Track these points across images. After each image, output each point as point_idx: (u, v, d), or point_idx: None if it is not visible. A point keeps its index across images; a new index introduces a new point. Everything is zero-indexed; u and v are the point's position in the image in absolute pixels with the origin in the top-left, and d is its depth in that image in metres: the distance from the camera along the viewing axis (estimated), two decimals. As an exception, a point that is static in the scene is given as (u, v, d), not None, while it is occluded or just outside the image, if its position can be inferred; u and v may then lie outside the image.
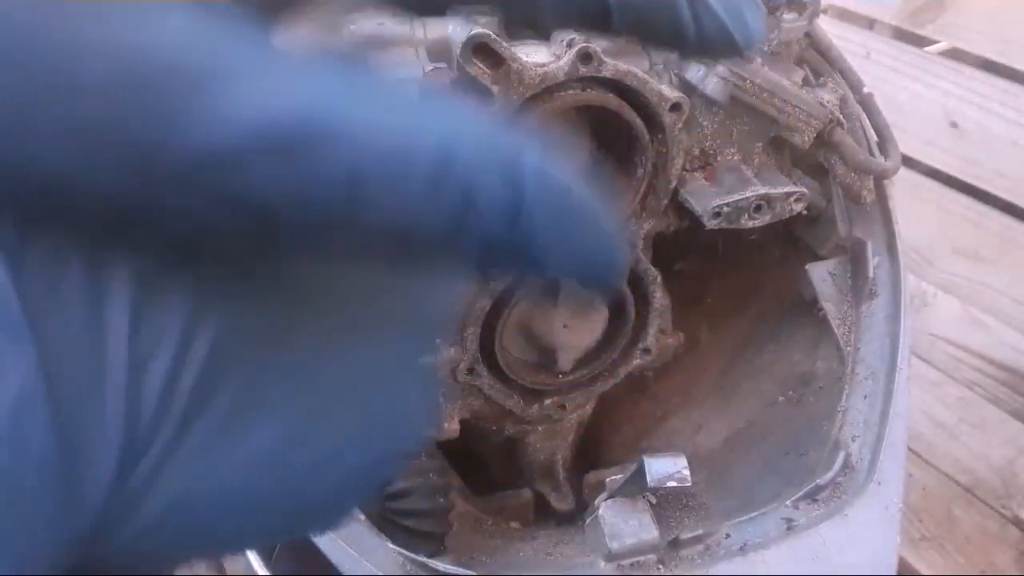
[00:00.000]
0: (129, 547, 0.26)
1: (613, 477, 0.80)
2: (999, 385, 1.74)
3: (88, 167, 0.23)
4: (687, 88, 0.85)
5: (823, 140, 0.91)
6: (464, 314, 0.90)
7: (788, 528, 0.79)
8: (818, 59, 0.96)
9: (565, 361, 0.98)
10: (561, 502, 1.11)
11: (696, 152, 0.89)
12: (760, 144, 0.91)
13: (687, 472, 0.72)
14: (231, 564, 1.43)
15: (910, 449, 1.09)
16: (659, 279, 0.97)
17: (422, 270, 0.30)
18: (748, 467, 0.94)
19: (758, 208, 0.88)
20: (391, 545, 0.74)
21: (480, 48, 0.76)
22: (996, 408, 1.71)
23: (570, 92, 0.80)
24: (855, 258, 0.97)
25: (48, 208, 0.24)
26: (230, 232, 0.24)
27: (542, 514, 1.12)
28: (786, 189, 0.88)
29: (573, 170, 0.26)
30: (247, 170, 0.23)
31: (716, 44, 0.34)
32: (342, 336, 0.29)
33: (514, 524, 1.03)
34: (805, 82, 0.92)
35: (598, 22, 0.35)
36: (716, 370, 1.10)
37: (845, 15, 1.99)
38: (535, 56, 0.79)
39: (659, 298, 0.98)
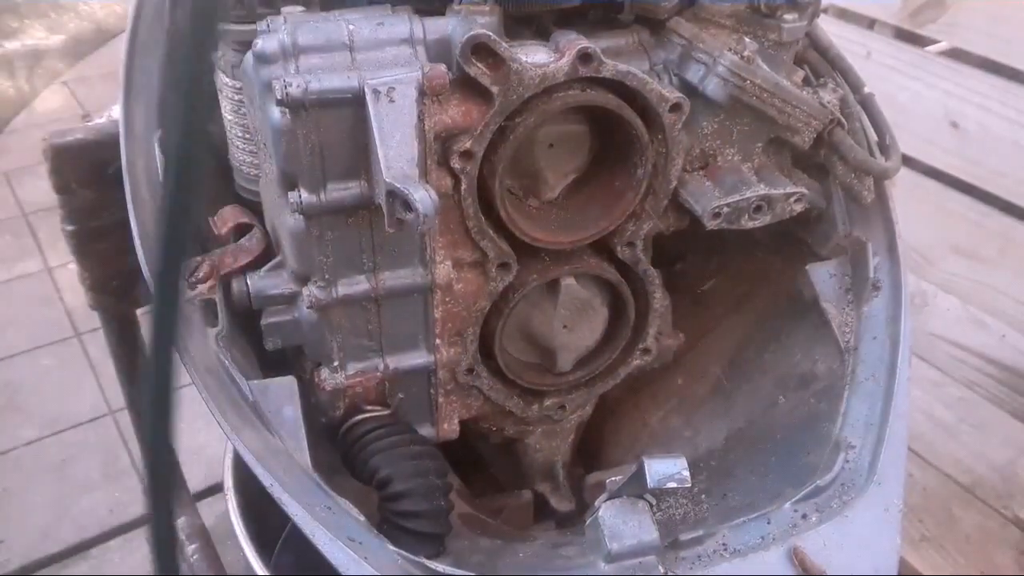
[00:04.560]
0: None
1: (613, 478, 0.79)
2: (999, 385, 1.74)
3: None
4: (687, 88, 0.85)
5: (823, 140, 0.91)
6: (464, 314, 0.90)
7: (789, 529, 0.79)
8: (818, 59, 0.96)
9: (565, 361, 0.98)
10: (561, 503, 1.11)
11: (696, 152, 0.89)
12: (760, 144, 0.91)
13: (687, 473, 0.72)
14: (231, 564, 1.43)
15: (910, 449, 1.09)
16: (659, 279, 0.97)
17: None
18: (748, 468, 0.94)
19: (758, 208, 0.88)
20: (391, 546, 0.73)
21: (479, 48, 0.75)
22: (996, 408, 1.71)
23: (570, 92, 0.80)
24: (855, 258, 0.97)
25: None
26: None
27: (542, 515, 1.11)
28: (786, 189, 0.88)
29: None
30: None
31: None
32: None
33: (514, 525, 1.03)
34: (805, 82, 0.92)
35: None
36: (716, 370, 1.10)
37: (845, 15, 1.99)
38: (535, 56, 0.78)
39: (659, 298, 0.98)
